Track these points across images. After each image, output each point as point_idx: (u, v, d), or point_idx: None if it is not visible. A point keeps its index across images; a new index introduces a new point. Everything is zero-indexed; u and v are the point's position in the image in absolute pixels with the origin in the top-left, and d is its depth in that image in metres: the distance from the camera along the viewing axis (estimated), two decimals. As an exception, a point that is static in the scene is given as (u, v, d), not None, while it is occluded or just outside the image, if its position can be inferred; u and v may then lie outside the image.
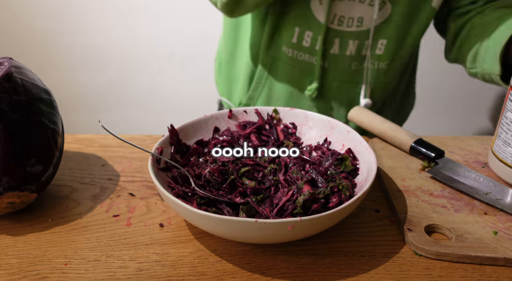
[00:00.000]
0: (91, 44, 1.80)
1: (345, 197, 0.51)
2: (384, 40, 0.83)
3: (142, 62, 1.84)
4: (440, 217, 0.55)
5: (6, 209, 0.54)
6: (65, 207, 0.59)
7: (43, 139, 0.54)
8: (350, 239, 0.53)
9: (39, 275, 0.48)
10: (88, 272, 0.48)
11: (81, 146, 0.73)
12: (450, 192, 0.60)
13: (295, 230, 0.45)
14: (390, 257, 0.50)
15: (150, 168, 0.53)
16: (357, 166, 0.58)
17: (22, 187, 0.53)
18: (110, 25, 1.76)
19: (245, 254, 0.51)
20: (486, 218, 0.55)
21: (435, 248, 0.49)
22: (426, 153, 0.66)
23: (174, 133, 0.62)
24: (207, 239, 0.53)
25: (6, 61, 0.55)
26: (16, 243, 0.53)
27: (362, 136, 0.61)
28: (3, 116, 0.50)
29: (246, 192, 0.54)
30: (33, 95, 0.54)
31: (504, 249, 0.49)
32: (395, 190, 0.60)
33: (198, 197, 0.53)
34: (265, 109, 0.68)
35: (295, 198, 0.51)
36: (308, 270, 0.49)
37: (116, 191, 0.62)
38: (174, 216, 0.57)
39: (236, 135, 0.65)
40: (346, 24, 0.81)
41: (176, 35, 1.77)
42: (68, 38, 1.79)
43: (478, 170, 0.65)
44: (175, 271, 0.49)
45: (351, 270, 0.48)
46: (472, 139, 0.74)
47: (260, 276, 0.48)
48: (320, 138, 0.65)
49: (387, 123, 0.72)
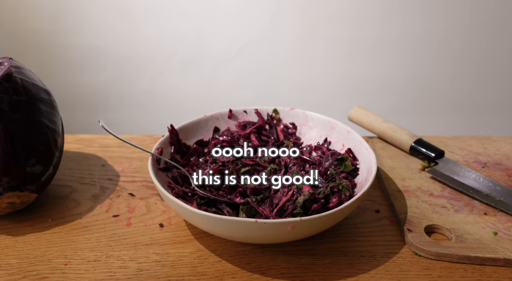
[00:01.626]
0: (92, 44, 1.80)
1: (345, 197, 0.51)
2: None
3: (143, 62, 1.84)
4: (440, 217, 0.55)
5: (6, 209, 0.54)
6: (65, 207, 0.59)
7: (43, 139, 0.54)
8: (350, 239, 0.53)
9: (39, 275, 0.48)
10: (88, 272, 0.48)
11: (81, 146, 0.73)
12: (450, 192, 0.60)
13: (295, 230, 0.45)
14: (390, 257, 0.50)
15: (150, 168, 0.53)
16: (357, 166, 0.58)
17: (22, 187, 0.53)
18: (111, 25, 1.76)
19: (245, 254, 0.51)
20: (486, 219, 0.55)
21: (435, 248, 0.49)
22: (426, 153, 0.66)
23: (174, 133, 0.62)
24: (207, 239, 0.53)
25: (6, 61, 0.55)
26: (16, 243, 0.53)
27: (361, 136, 0.61)
28: (3, 116, 0.50)
29: (246, 192, 0.54)
30: (33, 95, 0.54)
31: (504, 250, 0.49)
32: (395, 190, 0.60)
33: (198, 197, 0.53)
34: (265, 109, 0.68)
35: (295, 198, 0.51)
36: (308, 270, 0.49)
37: (116, 191, 0.62)
38: (174, 216, 0.57)
39: (236, 135, 0.65)
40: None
41: (176, 36, 1.77)
42: (68, 38, 1.79)
43: (478, 170, 0.65)
44: (175, 271, 0.49)
45: (351, 270, 0.48)
46: (472, 139, 0.74)
47: (260, 276, 0.48)
48: (320, 138, 0.65)
49: (387, 123, 0.72)
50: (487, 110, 1.83)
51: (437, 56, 1.71)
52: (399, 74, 1.80)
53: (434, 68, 1.64)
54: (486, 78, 1.76)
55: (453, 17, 1.65)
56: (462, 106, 1.85)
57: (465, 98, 1.83)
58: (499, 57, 1.73)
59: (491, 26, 1.67)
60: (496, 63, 1.74)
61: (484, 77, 1.77)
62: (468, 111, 1.85)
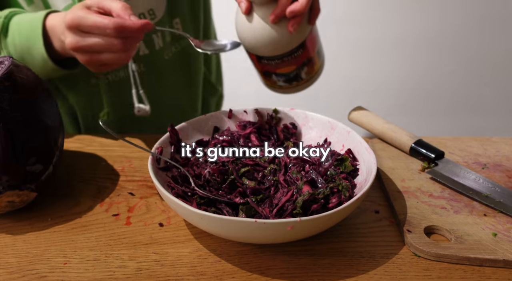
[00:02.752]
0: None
1: (345, 197, 0.51)
2: (177, 19, 0.81)
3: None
4: (439, 218, 0.55)
5: (5, 208, 0.54)
6: (65, 206, 0.59)
7: (43, 138, 0.54)
8: (350, 239, 0.53)
9: (38, 274, 0.48)
10: (87, 271, 0.48)
11: (81, 145, 0.73)
12: (449, 193, 0.60)
13: (294, 230, 0.45)
14: (390, 258, 0.50)
15: (150, 167, 0.53)
16: (357, 166, 0.58)
17: (21, 186, 0.53)
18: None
19: (244, 254, 0.51)
20: (485, 220, 0.55)
21: (435, 249, 0.49)
22: (426, 154, 0.66)
23: (174, 133, 0.62)
24: (207, 239, 0.53)
25: (7, 60, 0.55)
26: (16, 242, 0.53)
27: (361, 136, 0.61)
28: (3, 114, 0.50)
29: (246, 192, 0.54)
30: (33, 94, 0.54)
31: (503, 251, 0.49)
32: (394, 191, 0.60)
33: (198, 197, 0.53)
34: (265, 109, 0.68)
35: (294, 199, 0.51)
36: (308, 271, 0.49)
37: (116, 190, 0.62)
38: (174, 215, 0.57)
39: (236, 135, 0.65)
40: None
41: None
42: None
43: (478, 172, 0.65)
44: (174, 270, 0.49)
45: (350, 271, 0.48)
46: (472, 140, 0.74)
47: (259, 276, 0.48)
48: (320, 138, 0.65)
49: (387, 124, 0.72)
50: (487, 111, 1.83)
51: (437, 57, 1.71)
52: (399, 75, 1.80)
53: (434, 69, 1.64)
54: (486, 79, 1.77)
55: (454, 18, 1.65)
56: (462, 107, 1.85)
57: (465, 99, 1.83)
58: (499, 58, 1.73)
59: (492, 28, 1.67)
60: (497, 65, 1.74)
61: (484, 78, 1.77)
62: (468, 112, 1.85)
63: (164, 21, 0.79)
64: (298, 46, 0.64)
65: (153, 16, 0.77)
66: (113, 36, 0.57)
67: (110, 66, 0.62)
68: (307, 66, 0.68)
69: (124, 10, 0.57)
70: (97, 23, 0.56)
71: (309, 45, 0.65)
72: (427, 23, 1.71)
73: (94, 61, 0.60)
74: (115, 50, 0.58)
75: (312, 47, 0.66)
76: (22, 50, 0.67)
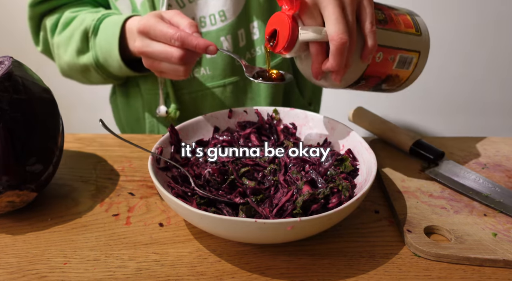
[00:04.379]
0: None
1: (345, 197, 0.51)
2: (255, 22, 0.79)
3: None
4: (439, 218, 0.55)
5: (5, 208, 0.54)
6: (65, 206, 0.59)
7: (43, 138, 0.54)
8: (350, 239, 0.53)
9: (38, 274, 0.48)
10: (87, 271, 0.48)
11: (81, 145, 0.73)
12: (449, 193, 0.60)
13: (294, 230, 0.45)
14: (390, 258, 0.50)
15: (150, 167, 0.53)
16: (357, 166, 0.58)
17: (21, 186, 0.53)
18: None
19: (244, 254, 0.51)
20: (485, 220, 0.55)
21: (435, 249, 0.49)
22: (426, 154, 0.66)
23: (174, 133, 0.62)
24: (207, 239, 0.53)
25: (7, 60, 0.55)
26: (16, 242, 0.53)
27: (361, 136, 0.61)
28: (3, 115, 0.50)
29: (246, 192, 0.54)
30: (33, 94, 0.54)
31: (503, 251, 0.49)
32: (394, 191, 0.60)
33: (198, 197, 0.53)
34: (265, 109, 0.68)
35: (294, 199, 0.51)
36: (308, 271, 0.49)
37: (116, 190, 0.62)
38: (174, 215, 0.57)
39: (236, 135, 0.65)
40: (209, 23, 0.77)
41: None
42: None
43: (478, 171, 0.65)
44: (174, 270, 0.49)
45: (350, 271, 0.48)
46: (472, 140, 0.74)
47: (259, 276, 0.48)
48: (320, 138, 0.65)
49: (387, 124, 0.72)
50: (487, 111, 1.83)
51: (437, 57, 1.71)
52: (399, 75, 1.79)
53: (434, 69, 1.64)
54: (486, 79, 1.77)
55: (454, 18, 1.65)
56: (462, 107, 1.85)
57: (465, 100, 1.83)
58: (500, 58, 1.73)
59: (494, 28, 1.67)
60: (497, 65, 1.74)
61: (484, 78, 1.77)
62: (468, 112, 1.85)
63: (238, 25, 0.78)
64: (357, 81, 0.57)
65: (223, 18, 0.77)
66: (175, 47, 0.59)
67: (169, 75, 0.64)
68: (386, 82, 0.61)
69: (189, 26, 0.59)
70: (163, 31, 0.59)
71: (374, 73, 0.58)
72: (427, 23, 1.71)
73: (155, 67, 0.63)
74: (173, 61, 0.60)
75: (380, 71, 0.58)
76: (105, 51, 0.73)
